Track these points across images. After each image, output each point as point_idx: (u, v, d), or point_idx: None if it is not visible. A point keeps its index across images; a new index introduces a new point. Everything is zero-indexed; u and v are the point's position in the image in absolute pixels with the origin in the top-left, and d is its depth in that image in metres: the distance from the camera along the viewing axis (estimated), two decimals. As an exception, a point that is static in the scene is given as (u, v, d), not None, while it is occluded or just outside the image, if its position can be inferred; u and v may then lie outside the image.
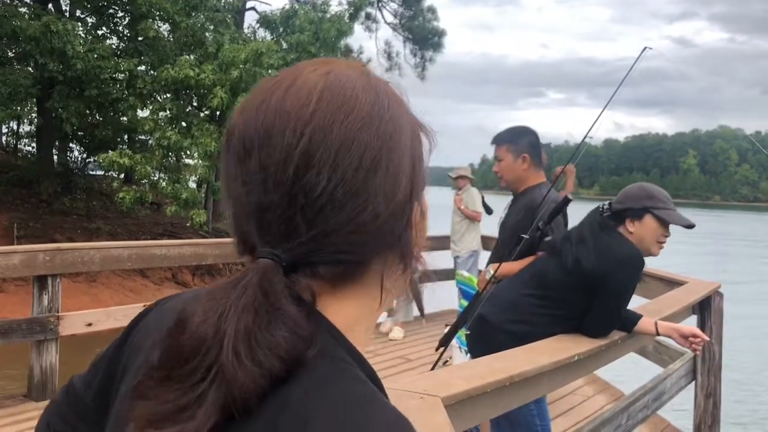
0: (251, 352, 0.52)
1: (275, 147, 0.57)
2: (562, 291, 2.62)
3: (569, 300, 2.59)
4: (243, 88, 12.99)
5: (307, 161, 0.56)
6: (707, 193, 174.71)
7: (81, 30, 14.96)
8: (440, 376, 1.86)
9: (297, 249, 0.57)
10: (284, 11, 15.75)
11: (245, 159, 0.59)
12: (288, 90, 0.60)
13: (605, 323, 2.53)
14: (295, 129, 0.57)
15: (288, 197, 0.56)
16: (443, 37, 20.37)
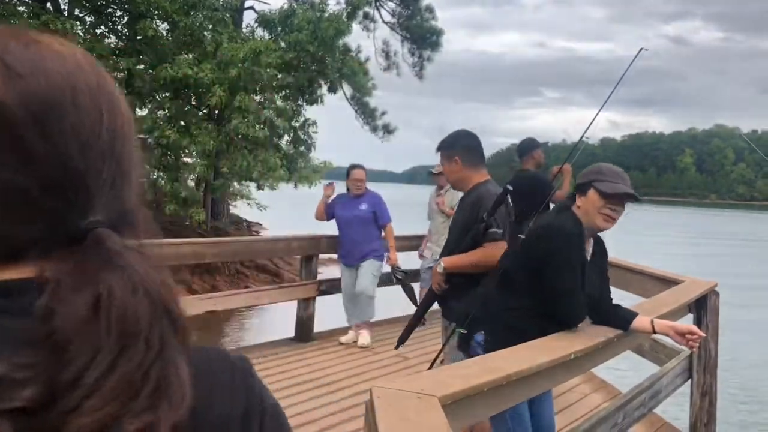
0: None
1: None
2: (522, 281, 2.69)
3: (533, 288, 2.65)
4: (242, 86, 13.00)
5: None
6: (704, 191, 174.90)
7: (79, 29, 14.96)
8: (437, 376, 1.88)
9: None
10: (282, 11, 15.75)
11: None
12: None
13: (564, 304, 2.55)
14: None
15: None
16: (441, 36, 20.39)
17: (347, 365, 5.48)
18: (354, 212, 6.13)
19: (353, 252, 6.14)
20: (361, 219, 6.11)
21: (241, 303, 5.32)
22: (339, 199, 6.32)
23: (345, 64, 16.19)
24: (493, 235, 3.10)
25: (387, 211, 6.22)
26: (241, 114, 12.82)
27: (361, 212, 6.12)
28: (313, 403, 4.59)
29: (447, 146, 3.42)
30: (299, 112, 16.28)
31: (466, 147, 3.37)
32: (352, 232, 6.13)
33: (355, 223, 6.11)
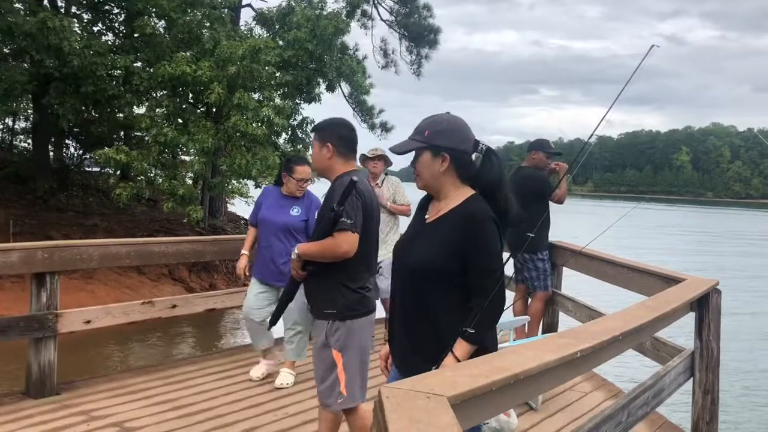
0: None
1: None
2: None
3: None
4: (240, 84, 12.97)
5: None
6: (700, 189, 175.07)
7: (77, 26, 14.90)
8: (444, 375, 1.87)
9: None
10: (281, 8, 15.72)
11: None
12: None
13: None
14: None
15: None
16: (439, 34, 20.38)
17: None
18: (281, 217, 4.82)
19: (271, 267, 4.85)
20: (288, 227, 4.81)
21: (241, 301, 5.29)
22: (267, 197, 5.02)
23: (343, 63, 16.15)
24: (342, 224, 3.02)
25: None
26: (240, 112, 12.79)
27: (290, 219, 4.82)
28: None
29: (321, 129, 3.30)
30: (297, 110, 16.25)
31: (340, 136, 3.25)
32: (273, 242, 4.81)
33: (279, 231, 4.81)
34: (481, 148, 2.41)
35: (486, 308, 2.27)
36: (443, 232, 2.36)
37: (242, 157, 13.00)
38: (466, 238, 2.30)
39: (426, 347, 2.38)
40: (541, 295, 5.85)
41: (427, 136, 2.41)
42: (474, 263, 2.30)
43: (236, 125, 12.70)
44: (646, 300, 3.50)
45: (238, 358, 5.56)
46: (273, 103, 14.07)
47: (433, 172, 2.42)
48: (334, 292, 3.12)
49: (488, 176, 2.42)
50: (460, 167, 2.41)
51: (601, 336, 2.53)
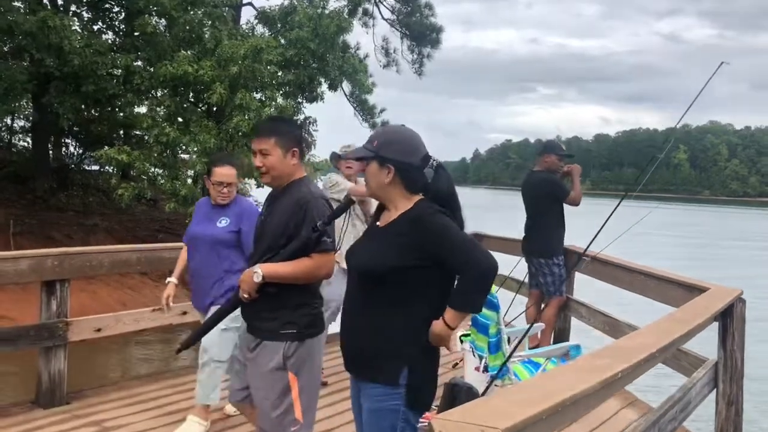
0: None
1: None
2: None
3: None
4: (242, 84, 12.90)
5: None
6: (697, 188, 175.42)
7: (77, 25, 14.81)
8: (493, 403, 1.80)
9: None
10: (283, 7, 15.66)
11: None
12: None
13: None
14: None
15: None
16: (440, 33, 20.34)
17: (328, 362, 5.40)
18: (208, 229, 4.01)
19: (200, 290, 4.05)
20: (214, 241, 3.97)
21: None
22: (197, 211, 4.25)
23: (346, 62, 16.09)
24: (326, 245, 2.73)
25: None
26: (242, 112, 12.72)
27: (217, 231, 3.98)
28: (330, 410, 4.53)
29: (286, 133, 2.89)
30: (299, 110, 16.19)
31: (299, 139, 2.94)
32: (200, 259, 4.03)
33: (205, 245, 4.00)
34: (432, 163, 2.46)
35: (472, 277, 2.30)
36: (393, 235, 2.41)
37: (244, 157, 12.91)
38: (426, 240, 2.33)
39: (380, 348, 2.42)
40: (556, 301, 5.79)
41: (376, 146, 2.45)
42: (448, 256, 2.32)
43: (238, 126, 12.63)
44: (674, 312, 3.43)
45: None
46: (275, 102, 14.00)
47: (378, 182, 2.47)
48: (296, 311, 2.83)
49: (438, 189, 2.46)
50: (405, 179, 2.45)
51: (639, 354, 2.46)
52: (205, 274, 3.99)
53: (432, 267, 2.30)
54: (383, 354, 2.40)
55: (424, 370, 2.41)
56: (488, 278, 2.30)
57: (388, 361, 2.37)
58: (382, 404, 2.42)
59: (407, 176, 2.43)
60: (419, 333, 2.36)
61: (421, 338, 2.36)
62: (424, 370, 2.41)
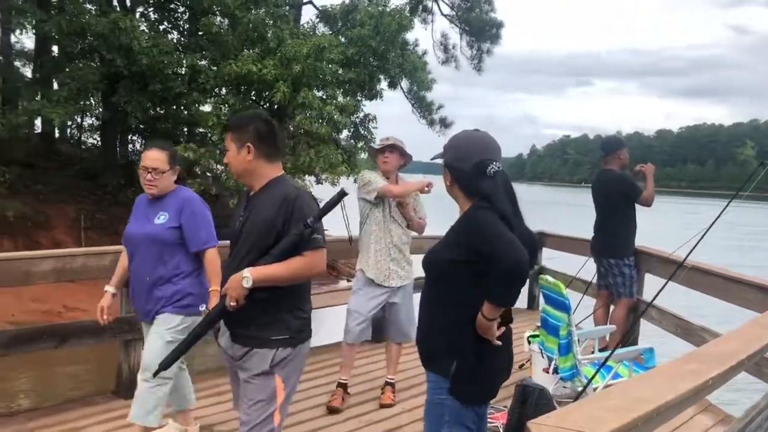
0: None
1: None
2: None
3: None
4: (304, 82, 13.05)
5: None
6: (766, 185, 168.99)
7: (144, 25, 15.26)
8: (586, 409, 1.79)
9: None
10: (344, 6, 15.78)
11: None
12: None
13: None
14: None
15: None
16: (500, 28, 20.13)
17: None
18: (144, 227, 3.46)
19: (140, 296, 3.50)
20: (152, 240, 3.42)
21: (320, 303, 5.29)
22: (136, 208, 3.65)
23: (406, 59, 16.11)
24: (317, 242, 2.58)
25: (205, 225, 3.45)
26: (304, 110, 12.88)
27: (155, 229, 3.42)
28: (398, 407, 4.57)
29: (237, 128, 2.73)
30: (359, 107, 16.30)
31: (258, 133, 2.69)
32: (138, 262, 3.49)
33: (142, 246, 3.45)
34: (490, 170, 2.47)
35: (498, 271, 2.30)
36: (451, 232, 2.54)
37: (306, 155, 13.09)
38: (469, 236, 2.42)
39: (435, 341, 2.51)
40: (626, 303, 5.67)
41: (443, 150, 2.62)
42: (485, 251, 2.35)
43: (301, 124, 12.80)
44: (758, 317, 3.33)
45: (318, 359, 5.56)
46: (336, 100, 14.12)
47: (445, 185, 2.61)
48: (288, 315, 2.68)
49: (489, 195, 2.46)
50: (460, 183, 2.55)
51: (729, 360, 2.41)
52: (145, 278, 3.42)
53: (480, 262, 2.33)
54: (438, 346, 2.49)
55: (475, 365, 2.43)
56: (513, 274, 2.28)
57: (442, 353, 2.46)
58: (433, 395, 2.51)
59: (460, 181, 2.54)
60: (470, 327, 2.41)
61: (471, 332, 2.41)
62: (475, 365, 2.43)
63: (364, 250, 4.53)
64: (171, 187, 3.49)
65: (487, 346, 2.42)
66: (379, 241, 4.49)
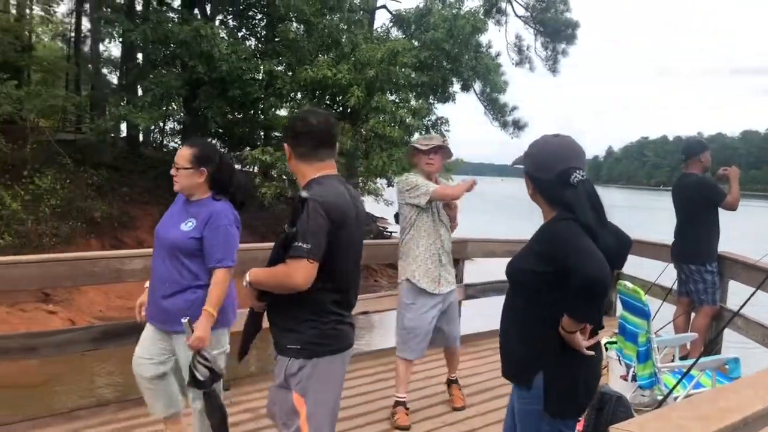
0: None
1: None
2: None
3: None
4: (378, 86, 13.18)
5: None
6: None
7: (224, 33, 15.76)
8: (671, 417, 1.77)
9: None
10: (418, 9, 15.84)
11: None
12: None
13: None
14: None
15: None
16: (576, 28, 19.74)
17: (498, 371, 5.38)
18: (170, 231, 3.25)
19: (155, 305, 3.28)
20: (173, 246, 3.21)
21: (393, 305, 5.34)
22: (174, 205, 3.47)
23: (479, 62, 16.04)
24: (296, 250, 2.38)
25: (225, 243, 3.16)
26: (377, 114, 13.01)
27: (179, 235, 3.20)
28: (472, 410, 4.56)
29: (284, 129, 2.79)
30: (431, 110, 16.33)
31: (293, 133, 2.60)
32: (158, 266, 3.27)
33: (164, 250, 3.24)
34: (573, 179, 2.36)
35: (575, 285, 2.23)
36: (532, 241, 2.45)
37: (379, 159, 13.21)
38: (550, 246, 2.34)
39: (518, 351, 2.46)
40: (708, 310, 5.48)
41: (524, 157, 2.51)
42: (565, 263, 2.27)
43: (374, 128, 12.94)
44: None
45: (389, 361, 5.62)
46: (409, 104, 14.20)
47: (528, 191, 2.51)
48: (300, 325, 2.55)
49: (570, 205, 2.36)
50: (541, 192, 2.46)
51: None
52: (158, 283, 3.24)
53: (560, 274, 2.27)
54: (520, 357, 2.45)
55: (562, 376, 2.37)
56: (590, 288, 2.20)
57: (524, 364, 2.42)
58: (524, 406, 2.45)
59: (542, 190, 2.45)
60: (553, 338, 2.35)
61: (556, 344, 2.36)
62: (562, 376, 2.37)
63: (410, 257, 4.30)
64: (198, 190, 3.27)
65: (574, 357, 2.37)
66: (429, 248, 4.28)
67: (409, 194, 4.19)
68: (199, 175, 3.24)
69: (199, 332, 3.04)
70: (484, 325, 6.61)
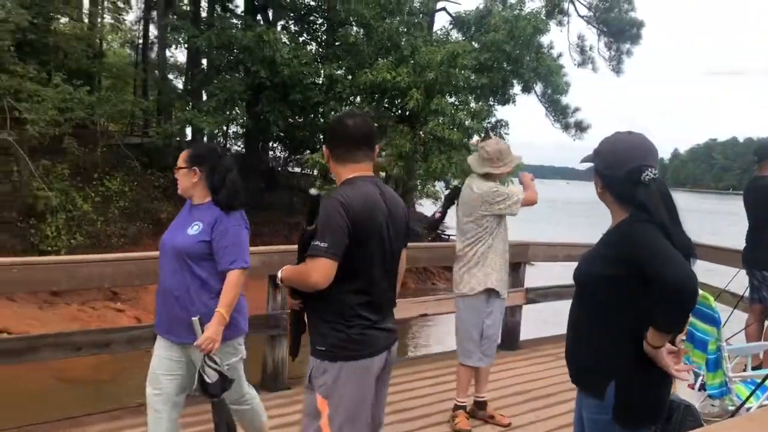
0: None
1: None
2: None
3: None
4: (437, 89, 13.17)
5: None
6: None
7: (286, 38, 16.03)
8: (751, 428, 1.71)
9: None
10: (478, 11, 15.77)
11: None
12: None
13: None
14: None
15: None
16: (641, 28, 19.25)
17: (561, 377, 5.29)
18: (176, 237, 3.13)
19: (164, 313, 3.15)
20: (179, 252, 3.07)
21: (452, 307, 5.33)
22: (182, 211, 3.32)
23: (540, 63, 15.83)
24: (313, 249, 2.39)
25: (234, 244, 3.05)
26: (436, 116, 12.99)
27: (185, 240, 3.08)
28: (532, 416, 4.51)
29: (325, 133, 2.69)
30: (491, 113, 16.21)
31: (330, 135, 2.61)
32: (165, 279, 3.14)
33: (170, 257, 3.12)
34: (644, 177, 2.25)
35: (658, 291, 2.10)
36: (602, 244, 2.36)
37: (438, 161, 13.19)
38: (626, 249, 2.22)
39: (587, 360, 2.38)
40: (782, 318, 5.27)
41: (593, 154, 2.42)
42: (645, 267, 2.15)
43: (433, 130, 12.92)
44: None
45: (447, 364, 5.60)
46: (468, 106, 14.13)
47: (596, 190, 2.42)
48: (325, 328, 2.53)
49: (641, 205, 2.26)
50: (610, 190, 2.36)
51: None
52: (167, 292, 3.09)
53: (636, 278, 2.17)
54: (590, 366, 2.35)
55: (635, 386, 2.27)
56: (680, 294, 2.07)
57: (595, 373, 2.32)
58: (594, 416, 2.36)
59: (612, 189, 2.35)
60: (626, 346, 2.25)
61: (629, 352, 2.25)
62: (635, 386, 2.27)
63: (488, 266, 4.21)
64: (194, 191, 3.16)
65: (648, 366, 2.25)
66: (502, 255, 4.28)
67: (499, 205, 4.13)
68: (192, 174, 3.13)
69: (210, 333, 2.93)
70: (539, 331, 6.55)
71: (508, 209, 4.15)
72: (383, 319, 2.59)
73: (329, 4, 15.31)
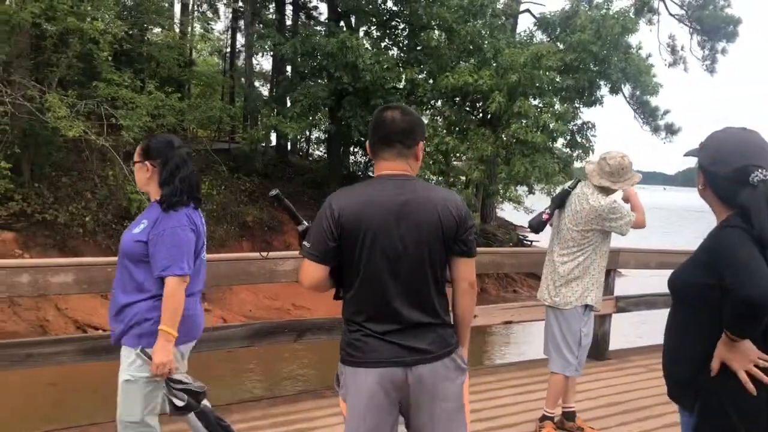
0: None
1: None
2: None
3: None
4: (520, 91, 12.95)
5: None
6: None
7: (368, 43, 16.17)
8: None
9: None
10: (563, 12, 15.43)
11: None
12: None
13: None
14: None
15: None
16: (738, 25, 18.27)
17: (652, 390, 5.07)
18: (124, 236, 2.88)
19: (110, 313, 2.91)
20: (122, 253, 2.84)
21: (538, 315, 5.19)
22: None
23: (629, 63, 15.31)
24: (301, 249, 2.31)
25: (171, 248, 2.73)
26: (519, 119, 12.78)
27: (125, 238, 2.85)
28: (624, 429, 4.33)
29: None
30: (576, 115, 15.80)
31: (371, 128, 2.39)
32: (116, 274, 2.91)
33: (119, 259, 2.89)
34: (753, 178, 2.08)
35: (732, 300, 1.98)
36: (698, 249, 2.22)
37: (521, 165, 12.96)
38: (712, 255, 2.10)
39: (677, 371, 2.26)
40: None
41: (699, 147, 2.28)
42: (725, 275, 2.02)
43: (516, 133, 12.71)
44: None
45: (534, 372, 5.46)
46: (552, 108, 13.83)
47: (697, 187, 2.27)
48: (343, 329, 2.42)
49: (741, 206, 2.10)
50: (713, 188, 2.20)
51: None
52: (115, 294, 2.86)
53: (721, 287, 2.02)
54: (682, 377, 2.22)
55: (722, 401, 2.11)
56: (746, 306, 1.95)
57: (685, 386, 2.19)
58: (685, 429, 2.23)
59: (715, 187, 2.19)
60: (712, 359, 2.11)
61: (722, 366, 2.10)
62: (722, 401, 2.11)
63: (589, 280, 4.08)
64: (149, 187, 2.91)
65: (731, 380, 2.09)
66: (602, 272, 4.13)
67: (612, 222, 3.94)
68: (145, 169, 2.87)
69: (159, 358, 2.65)
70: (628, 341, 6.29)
71: (619, 228, 3.96)
72: (394, 332, 2.28)
73: (411, 8, 15.32)
